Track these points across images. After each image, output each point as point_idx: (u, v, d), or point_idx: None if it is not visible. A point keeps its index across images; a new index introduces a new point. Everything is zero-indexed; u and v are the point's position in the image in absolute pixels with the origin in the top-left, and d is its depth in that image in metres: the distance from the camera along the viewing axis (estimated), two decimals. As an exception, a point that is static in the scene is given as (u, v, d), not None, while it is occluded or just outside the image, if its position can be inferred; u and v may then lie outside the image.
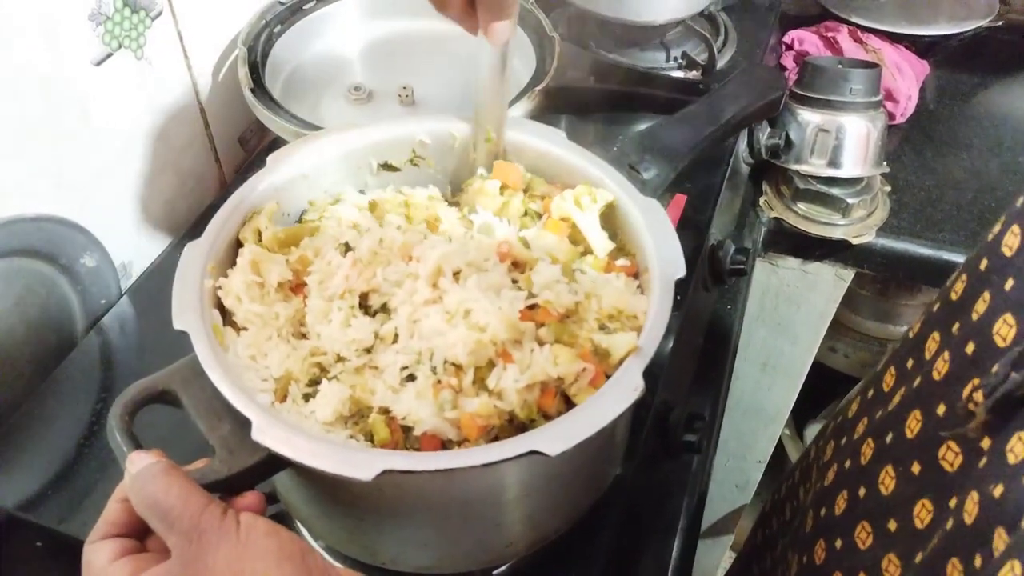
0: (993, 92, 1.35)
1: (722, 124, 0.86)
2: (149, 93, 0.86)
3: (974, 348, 0.48)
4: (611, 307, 0.57)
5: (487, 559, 0.61)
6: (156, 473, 0.45)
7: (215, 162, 1.00)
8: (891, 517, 0.52)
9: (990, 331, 0.47)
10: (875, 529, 0.53)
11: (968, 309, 0.50)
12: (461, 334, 0.53)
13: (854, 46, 1.28)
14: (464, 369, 0.53)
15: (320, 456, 0.46)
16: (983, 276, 0.50)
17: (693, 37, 1.18)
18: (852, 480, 0.58)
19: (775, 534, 0.75)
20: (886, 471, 0.53)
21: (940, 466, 0.48)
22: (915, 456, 0.51)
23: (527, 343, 0.55)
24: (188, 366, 0.51)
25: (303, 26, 1.00)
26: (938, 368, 0.51)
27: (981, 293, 0.49)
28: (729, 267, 0.95)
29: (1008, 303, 0.46)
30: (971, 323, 0.49)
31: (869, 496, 0.55)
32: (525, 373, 0.52)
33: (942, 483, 0.48)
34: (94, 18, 0.77)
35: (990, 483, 0.41)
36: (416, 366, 0.54)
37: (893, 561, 0.50)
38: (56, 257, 0.79)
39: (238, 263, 0.58)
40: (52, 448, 0.72)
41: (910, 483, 0.51)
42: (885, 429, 0.55)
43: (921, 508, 0.49)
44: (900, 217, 1.13)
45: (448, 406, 0.52)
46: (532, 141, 0.67)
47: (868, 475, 0.56)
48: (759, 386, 1.38)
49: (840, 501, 0.58)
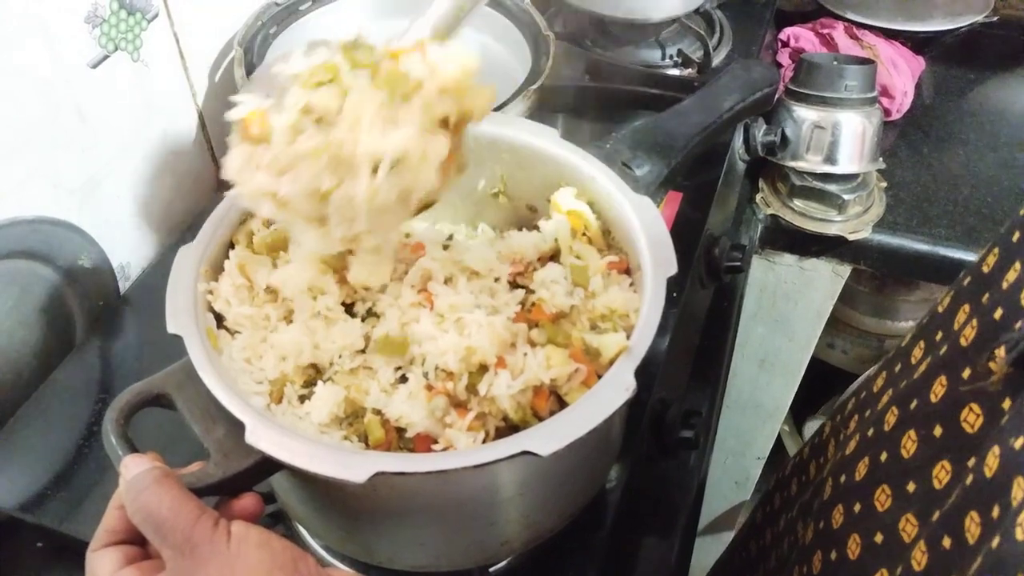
0: (989, 87, 1.35)
1: (715, 119, 0.86)
2: (146, 95, 0.87)
3: (1002, 313, 0.49)
4: (604, 307, 0.57)
5: (483, 557, 0.61)
6: (148, 483, 0.45)
7: (212, 163, 1.00)
8: (910, 479, 0.52)
9: (1018, 297, 0.47)
10: (894, 491, 0.54)
11: (999, 280, 0.50)
12: (452, 341, 0.53)
13: (850, 42, 1.28)
14: (456, 376, 0.53)
15: (313, 459, 0.46)
16: (1015, 247, 0.50)
17: (688, 35, 1.18)
18: (874, 446, 0.58)
19: (777, 511, 0.75)
20: (908, 435, 0.54)
21: (961, 428, 0.48)
22: (937, 419, 0.51)
23: (520, 346, 0.55)
24: (182, 370, 0.51)
25: (299, 28, 1.00)
26: (965, 335, 0.52)
27: (1012, 263, 0.50)
28: (726, 264, 0.95)
29: None
30: (1001, 291, 0.50)
31: (890, 460, 0.55)
32: (518, 379, 0.53)
33: (962, 444, 0.48)
34: (90, 20, 0.78)
35: (1011, 436, 0.41)
36: (409, 367, 0.55)
37: (910, 521, 0.51)
38: (54, 259, 0.79)
39: (226, 267, 0.59)
40: (52, 449, 0.72)
41: (931, 445, 0.51)
42: (910, 396, 0.56)
43: (940, 469, 0.50)
44: (896, 213, 1.13)
45: (441, 412, 0.52)
46: (525, 138, 0.67)
47: (891, 440, 0.56)
48: (757, 383, 1.39)
49: (861, 467, 0.59)
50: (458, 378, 0.53)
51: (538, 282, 0.58)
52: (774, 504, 0.78)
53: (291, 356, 0.55)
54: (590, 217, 0.64)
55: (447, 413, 0.52)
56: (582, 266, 0.61)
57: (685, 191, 0.93)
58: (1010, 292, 0.49)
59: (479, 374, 0.54)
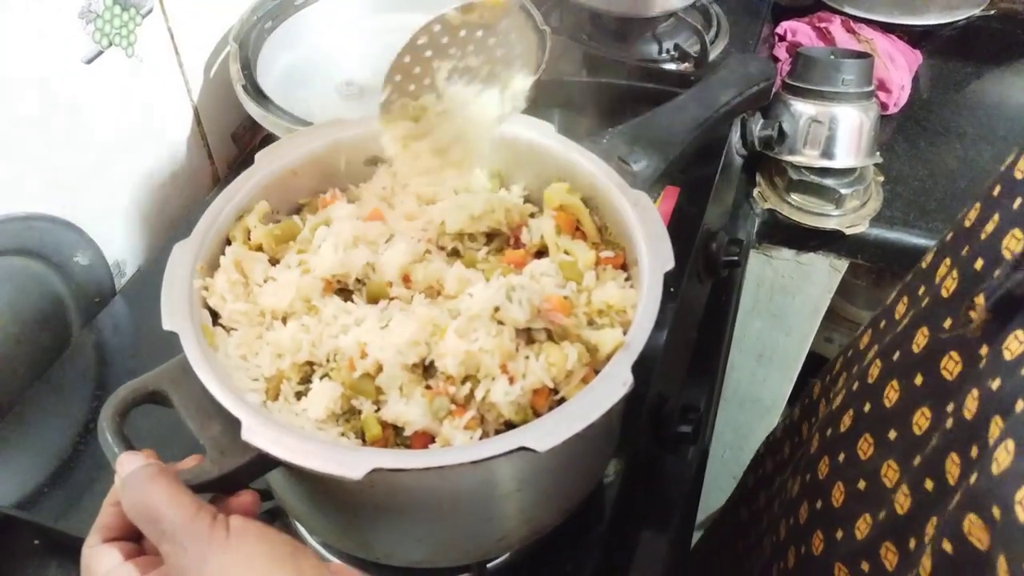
0: (986, 81, 1.34)
1: (712, 114, 0.85)
2: (141, 91, 0.86)
3: (982, 263, 0.49)
4: (601, 302, 0.57)
5: (481, 553, 0.61)
6: (145, 479, 0.45)
7: (208, 159, 1.00)
8: (891, 427, 0.53)
9: (999, 247, 0.48)
10: (876, 440, 0.55)
11: (978, 232, 0.51)
12: (451, 345, 0.53)
13: (847, 36, 1.28)
14: (455, 380, 0.53)
15: (310, 455, 0.46)
16: (994, 201, 0.51)
17: (685, 29, 1.18)
18: (859, 399, 0.59)
19: (770, 474, 0.76)
20: (891, 385, 0.55)
21: (941, 375, 0.49)
22: (918, 368, 0.52)
23: (521, 350, 0.55)
24: (178, 366, 0.51)
25: (294, 22, 1.00)
26: (946, 286, 0.53)
27: (991, 216, 0.50)
28: (723, 259, 0.95)
29: (1017, 219, 0.48)
30: (980, 242, 0.50)
31: (873, 410, 0.56)
32: (517, 384, 0.52)
33: (941, 391, 0.49)
34: (84, 16, 0.77)
35: (988, 379, 0.42)
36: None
37: (892, 467, 0.51)
38: (49, 256, 0.79)
39: (221, 262, 0.58)
40: (48, 446, 0.72)
41: (912, 394, 0.52)
42: (893, 348, 0.57)
43: (920, 416, 0.50)
44: (893, 207, 1.13)
45: (443, 413, 0.52)
46: (521, 133, 0.67)
47: (874, 391, 0.57)
48: (755, 377, 1.39)
49: (845, 419, 0.60)
50: (458, 381, 0.53)
51: (527, 274, 0.58)
52: (766, 468, 0.78)
53: (288, 353, 0.55)
54: (583, 212, 0.64)
55: (448, 413, 0.52)
56: (571, 261, 0.60)
57: (682, 186, 0.92)
58: (989, 242, 0.50)
59: (476, 377, 0.53)
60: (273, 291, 0.58)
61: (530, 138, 0.67)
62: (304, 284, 0.58)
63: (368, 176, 0.69)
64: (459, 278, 0.58)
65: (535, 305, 0.55)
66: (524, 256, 0.62)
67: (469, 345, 0.53)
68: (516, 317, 0.54)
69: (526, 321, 0.55)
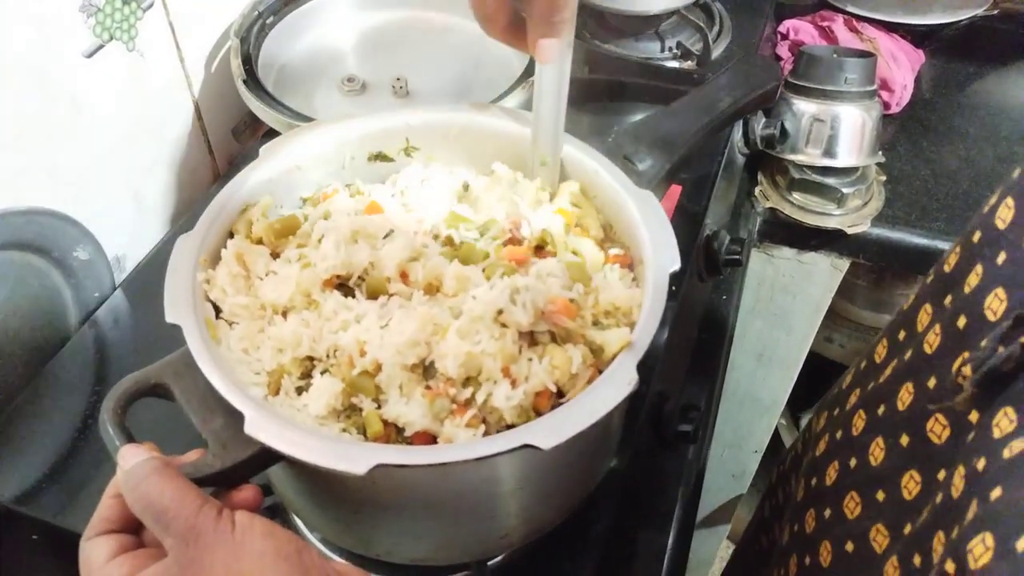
0: (989, 81, 1.34)
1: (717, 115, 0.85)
2: (141, 85, 0.86)
3: (965, 322, 0.48)
4: (608, 303, 0.56)
5: (482, 551, 0.61)
6: (149, 472, 0.44)
7: (208, 154, 0.99)
8: (879, 488, 0.52)
9: (981, 305, 0.47)
10: (863, 499, 0.54)
11: (960, 282, 0.50)
12: (452, 346, 0.52)
13: (849, 35, 1.27)
14: (456, 382, 0.52)
15: (313, 450, 0.46)
16: (976, 249, 0.50)
17: (688, 27, 1.18)
18: (843, 451, 0.58)
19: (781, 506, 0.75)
20: (876, 443, 0.54)
21: (928, 438, 0.48)
22: (904, 428, 0.51)
23: (524, 352, 0.54)
24: (180, 359, 0.50)
25: (296, 17, 1.00)
26: (929, 341, 0.52)
27: (974, 266, 0.49)
28: (724, 257, 0.95)
29: (1000, 277, 0.47)
30: (963, 296, 0.49)
31: (859, 467, 0.55)
32: (519, 388, 0.52)
33: (930, 455, 0.48)
34: (85, 9, 0.77)
35: (974, 457, 0.41)
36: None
37: (881, 531, 0.51)
38: (48, 250, 0.78)
39: (223, 256, 0.58)
40: (47, 441, 0.72)
41: (899, 455, 0.51)
42: (877, 401, 0.56)
43: (909, 479, 0.49)
44: (895, 207, 1.13)
45: (445, 414, 0.51)
46: (524, 131, 0.66)
47: (859, 446, 0.56)
48: (755, 376, 1.39)
49: (831, 471, 0.59)
50: (459, 383, 0.52)
51: (534, 275, 0.57)
52: (778, 499, 0.77)
53: (288, 348, 0.55)
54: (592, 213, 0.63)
55: (449, 414, 0.52)
56: (578, 263, 0.60)
57: (684, 184, 0.92)
58: (972, 298, 0.48)
59: (477, 380, 0.52)
60: (273, 286, 0.57)
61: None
62: (304, 278, 0.57)
63: (373, 172, 0.68)
64: (457, 276, 0.57)
65: (539, 307, 0.54)
66: (526, 253, 0.61)
67: (471, 347, 0.52)
68: (520, 320, 0.54)
69: (530, 324, 0.54)
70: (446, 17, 1.04)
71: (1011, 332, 0.42)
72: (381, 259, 0.59)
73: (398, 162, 0.69)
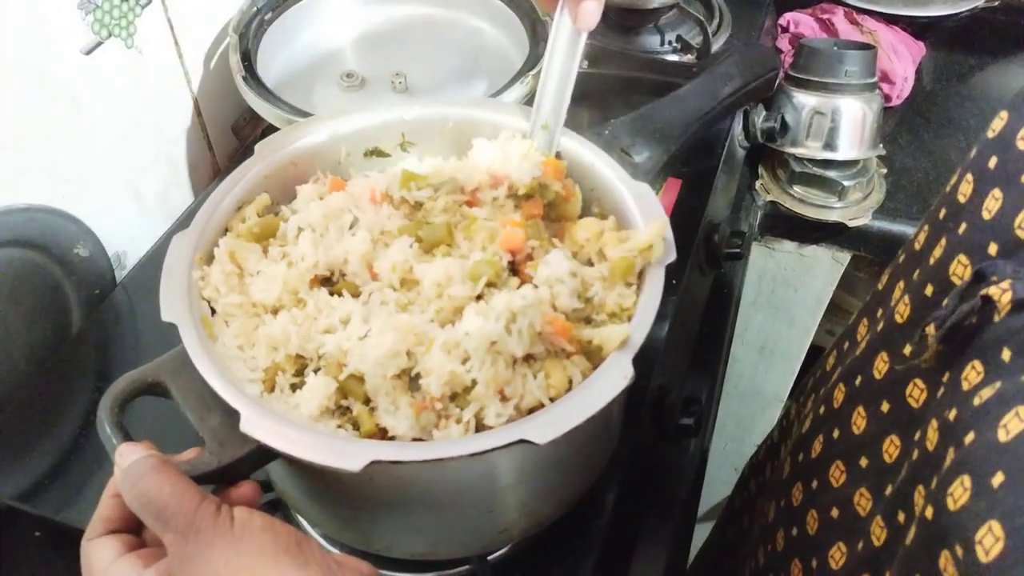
0: (990, 73, 1.34)
1: (715, 105, 0.85)
2: (140, 82, 0.86)
3: (932, 290, 0.50)
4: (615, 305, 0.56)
5: (481, 545, 0.61)
6: (147, 469, 0.44)
7: (208, 150, 1.00)
8: (862, 454, 0.53)
9: (947, 272, 0.49)
10: (848, 467, 0.55)
11: (927, 256, 0.52)
12: (437, 362, 0.51)
13: (850, 28, 1.27)
14: (442, 399, 0.51)
15: (309, 447, 0.46)
16: (941, 224, 0.51)
17: (688, 20, 1.17)
18: (827, 424, 0.59)
19: (753, 496, 0.76)
20: (858, 412, 0.55)
21: (907, 403, 0.50)
22: (884, 395, 0.52)
23: (518, 369, 0.53)
24: (177, 358, 0.51)
25: (295, 13, 0.99)
26: (899, 311, 0.53)
27: (939, 240, 0.51)
28: (725, 251, 0.95)
29: (962, 245, 0.48)
30: (929, 267, 0.51)
31: (842, 437, 0.56)
32: (508, 403, 0.51)
33: (909, 419, 0.49)
34: (83, 6, 0.77)
35: (946, 410, 0.42)
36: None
37: (864, 495, 0.52)
38: (49, 247, 0.79)
39: (216, 254, 0.58)
40: (48, 438, 0.72)
41: (880, 421, 0.52)
42: (855, 373, 0.57)
43: (889, 444, 0.51)
44: (896, 199, 1.13)
45: (430, 426, 0.51)
46: (523, 125, 0.66)
47: (841, 417, 0.57)
48: (757, 370, 1.39)
49: (816, 445, 0.60)
50: (446, 399, 0.51)
51: (541, 278, 0.56)
52: (750, 489, 0.78)
53: (281, 346, 0.55)
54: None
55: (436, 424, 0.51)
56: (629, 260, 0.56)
57: (684, 178, 0.92)
58: (937, 267, 0.50)
59: (465, 395, 0.51)
60: (262, 285, 0.57)
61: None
62: (291, 277, 0.57)
63: (369, 168, 0.68)
64: (436, 283, 0.56)
65: (536, 331, 0.53)
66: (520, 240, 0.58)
67: (455, 366, 0.51)
68: (515, 351, 0.52)
69: (525, 352, 0.52)
70: (445, 12, 1.04)
71: (971, 287, 0.43)
72: (348, 256, 0.59)
73: (394, 157, 0.69)
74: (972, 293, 0.43)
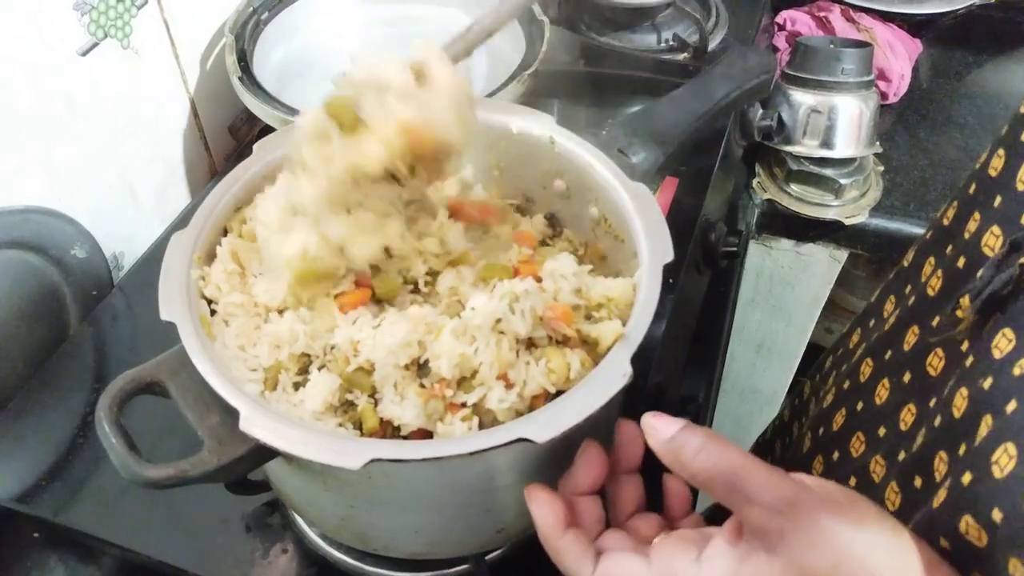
0: (987, 70, 1.34)
1: (712, 106, 0.85)
2: (136, 83, 0.86)
3: (965, 262, 0.50)
4: (600, 295, 0.56)
5: (479, 544, 0.61)
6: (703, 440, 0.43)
7: (205, 151, 1.00)
8: (881, 424, 0.54)
9: (979, 245, 0.49)
10: (867, 437, 0.55)
11: (960, 231, 0.52)
12: (446, 346, 0.52)
13: (846, 25, 1.27)
14: (450, 382, 0.52)
15: (308, 446, 0.46)
16: (972, 199, 0.52)
17: (684, 19, 1.17)
18: (851, 397, 0.59)
19: None
20: (882, 384, 0.55)
21: (926, 372, 0.50)
22: (907, 367, 0.53)
23: (521, 356, 0.54)
24: (176, 357, 0.50)
25: (291, 13, 0.99)
26: (932, 285, 0.53)
27: (972, 214, 0.51)
28: (722, 250, 0.95)
29: (995, 217, 0.48)
30: (963, 241, 0.51)
31: (865, 408, 0.57)
32: (513, 391, 0.52)
33: (925, 387, 0.50)
34: (79, 7, 0.77)
35: (978, 378, 0.42)
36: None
37: (879, 462, 0.52)
38: (46, 248, 0.79)
39: (218, 253, 0.58)
40: (46, 439, 0.72)
41: (901, 391, 0.53)
42: (883, 347, 0.57)
43: (906, 412, 0.51)
44: (893, 197, 1.13)
45: (438, 415, 0.52)
46: (519, 124, 0.66)
47: (865, 390, 0.57)
48: (755, 368, 1.39)
49: (838, 418, 0.60)
50: (453, 383, 0.52)
51: (547, 272, 0.57)
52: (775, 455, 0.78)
53: (285, 345, 0.55)
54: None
55: (443, 415, 0.52)
56: None
57: (681, 177, 0.92)
58: (971, 241, 0.50)
59: (471, 380, 0.52)
60: (265, 287, 0.57)
61: (528, 129, 0.67)
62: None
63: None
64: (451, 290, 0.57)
65: (538, 314, 0.54)
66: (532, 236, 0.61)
67: (464, 348, 0.52)
68: (518, 330, 0.53)
69: (528, 332, 0.54)
70: (441, 11, 1.04)
71: (1007, 257, 0.43)
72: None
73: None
74: (1008, 263, 0.43)
